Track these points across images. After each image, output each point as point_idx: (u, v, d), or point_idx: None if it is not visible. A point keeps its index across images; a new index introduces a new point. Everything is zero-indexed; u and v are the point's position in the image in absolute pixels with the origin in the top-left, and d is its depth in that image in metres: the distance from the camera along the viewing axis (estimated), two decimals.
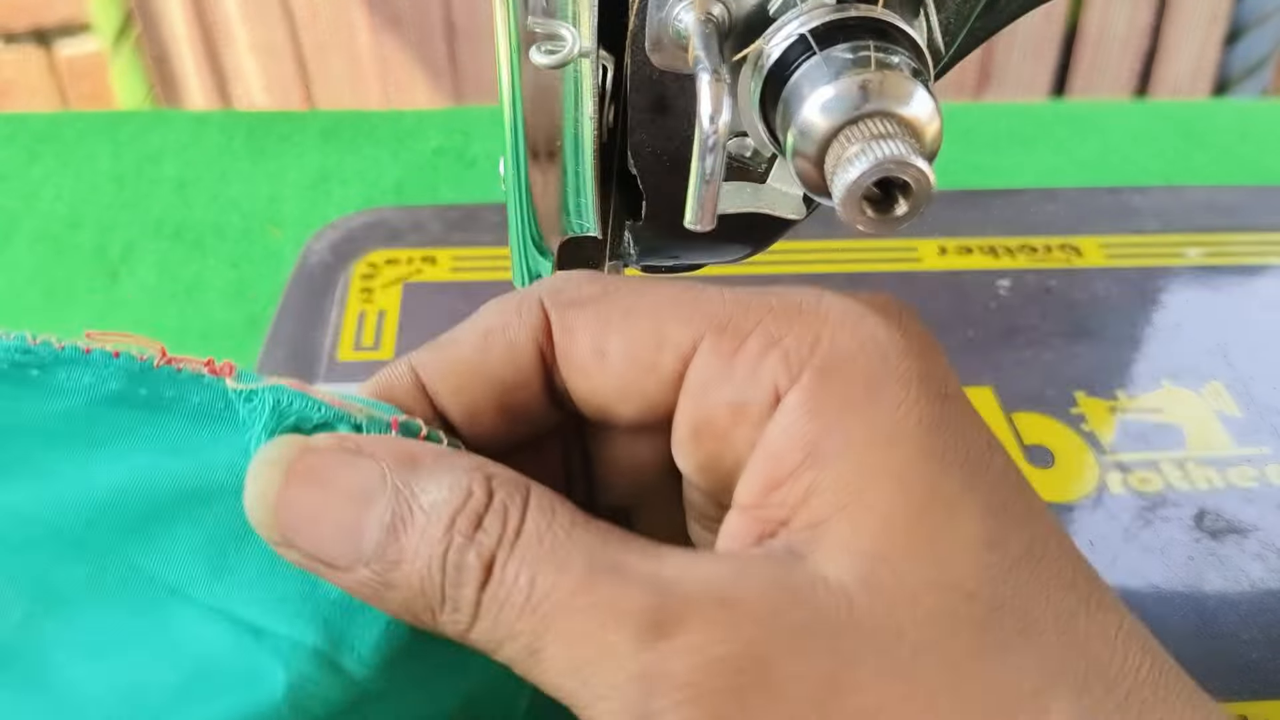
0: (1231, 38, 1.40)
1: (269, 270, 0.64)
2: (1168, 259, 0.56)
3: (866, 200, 0.21)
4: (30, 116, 0.78)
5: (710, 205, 0.23)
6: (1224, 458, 0.46)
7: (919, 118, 0.21)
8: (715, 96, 0.22)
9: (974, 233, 0.57)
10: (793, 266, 0.54)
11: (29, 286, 0.63)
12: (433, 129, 0.76)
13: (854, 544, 0.19)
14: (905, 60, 0.22)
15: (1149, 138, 0.75)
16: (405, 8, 1.32)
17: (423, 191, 0.70)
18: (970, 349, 0.50)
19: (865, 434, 0.20)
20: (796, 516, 0.20)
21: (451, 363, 0.24)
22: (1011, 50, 1.37)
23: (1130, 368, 0.50)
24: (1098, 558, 0.42)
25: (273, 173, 0.71)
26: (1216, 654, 0.39)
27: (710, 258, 0.32)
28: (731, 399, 0.22)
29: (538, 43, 0.25)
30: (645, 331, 0.23)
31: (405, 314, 0.51)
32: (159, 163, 0.72)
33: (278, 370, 0.48)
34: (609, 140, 0.29)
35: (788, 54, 0.23)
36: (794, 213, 0.30)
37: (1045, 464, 0.45)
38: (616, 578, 0.20)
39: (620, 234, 0.32)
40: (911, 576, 0.19)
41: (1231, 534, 0.43)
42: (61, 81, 1.32)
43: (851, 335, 0.21)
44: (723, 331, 0.22)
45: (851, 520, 0.20)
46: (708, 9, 0.23)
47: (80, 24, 1.29)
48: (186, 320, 0.61)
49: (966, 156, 0.73)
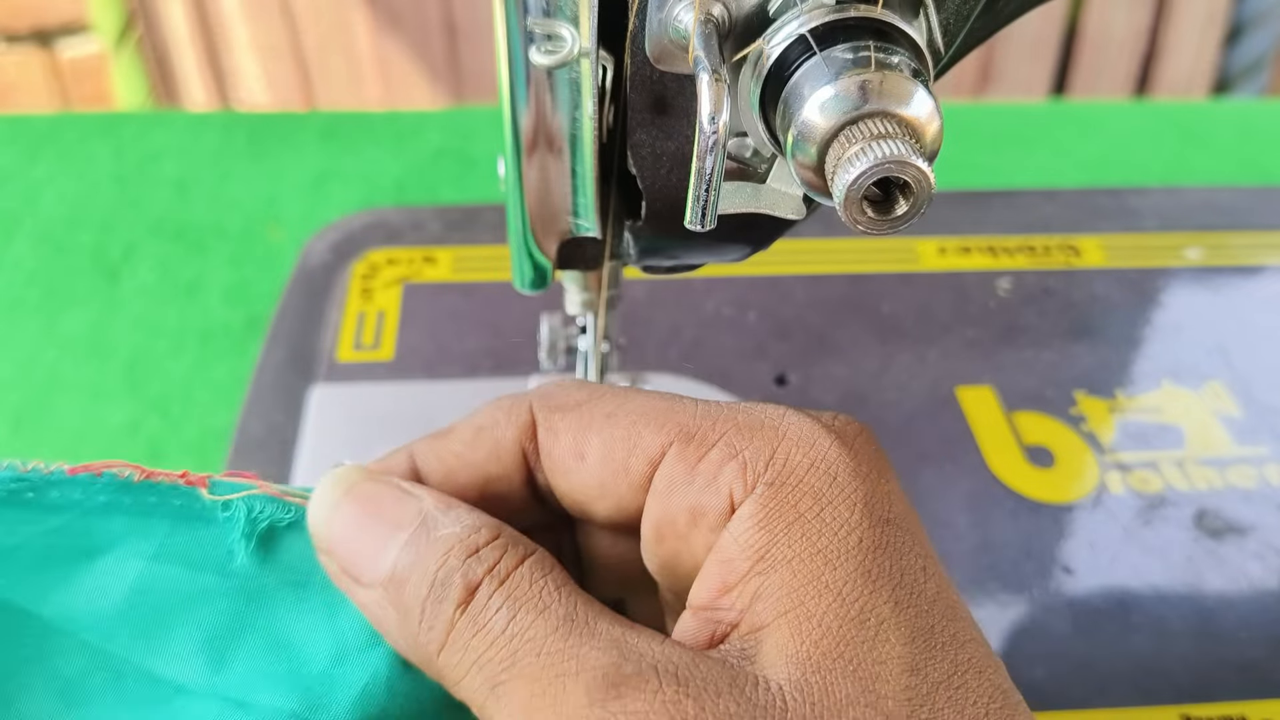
0: (1231, 38, 1.40)
1: (269, 270, 0.64)
2: (1168, 259, 0.56)
3: (866, 200, 0.21)
4: (31, 118, 0.78)
5: (710, 205, 0.23)
6: (1224, 458, 0.46)
7: (919, 118, 0.21)
8: (715, 97, 0.22)
9: (974, 233, 0.57)
10: (793, 266, 0.54)
11: (29, 286, 0.63)
12: (433, 129, 0.76)
13: (791, 649, 0.21)
14: (905, 60, 0.22)
15: (1149, 138, 0.75)
16: (405, 8, 1.32)
17: (423, 191, 0.70)
18: (970, 349, 0.50)
19: (809, 548, 0.22)
20: (744, 620, 0.22)
21: (443, 453, 0.27)
22: (1011, 50, 1.37)
23: (1130, 368, 0.50)
24: (1098, 558, 0.42)
25: (273, 173, 0.71)
26: (1216, 654, 0.39)
27: (710, 258, 0.32)
28: (691, 504, 0.23)
29: (538, 43, 0.25)
30: (620, 436, 0.24)
31: (405, 314, 0.51)
32: (159, 163, 0.72)
33: (278, 369, 0.48)
34: (609, 140, 0.29)
35: (788, 54, 0.23)
36: (794, 213, 0.30)
37: (1045, 464, 0.45)
38: (587, 632, 0.21)
39: (620, 234, 0.32)
40: (839, 690, 0.21)
41: (1231, 534, 0.43)
42: (63, 82, 1.32)
43: (806, 454, 0.23)
44: (689, 440, 0.24)
45: (791, 627, 0.21)
46: (707, 9, 0.23)
47: (81, 25, 1.29)
48: (186, 320, 0.61)
49: (966, 156, 0.73)
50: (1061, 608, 0.40)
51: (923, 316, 0.52)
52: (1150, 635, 0.40)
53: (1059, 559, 0.42)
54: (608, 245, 0.32)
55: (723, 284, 0.53)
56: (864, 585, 0.21)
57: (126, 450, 0.54)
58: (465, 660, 0.22)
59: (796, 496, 0.22)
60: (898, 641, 0.21)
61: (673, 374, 0.49)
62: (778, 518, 0.22)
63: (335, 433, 0.45)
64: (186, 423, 0.55)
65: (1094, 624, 0.40)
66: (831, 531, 0.22)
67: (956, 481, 0.45)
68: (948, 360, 0.50)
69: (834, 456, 0.23)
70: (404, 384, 0.48)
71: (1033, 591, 0.41)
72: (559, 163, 0.29)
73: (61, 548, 0.27)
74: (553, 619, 0.22)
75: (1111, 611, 0.40)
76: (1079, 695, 0.38)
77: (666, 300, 0.52)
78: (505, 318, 0.51)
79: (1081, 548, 0.42)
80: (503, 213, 0.31)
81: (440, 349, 0.50)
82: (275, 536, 0.27)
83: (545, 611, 0.22)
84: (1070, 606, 0.40)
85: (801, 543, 0.22)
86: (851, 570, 0.21)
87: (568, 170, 0.29)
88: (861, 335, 0.51)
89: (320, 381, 0.48)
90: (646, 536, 0.25)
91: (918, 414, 0.47)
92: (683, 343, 0.50)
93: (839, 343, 0.51)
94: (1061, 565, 0.42)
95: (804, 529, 0.22)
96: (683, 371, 0.49)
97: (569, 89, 0.27)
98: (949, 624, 0.22)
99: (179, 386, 0.57)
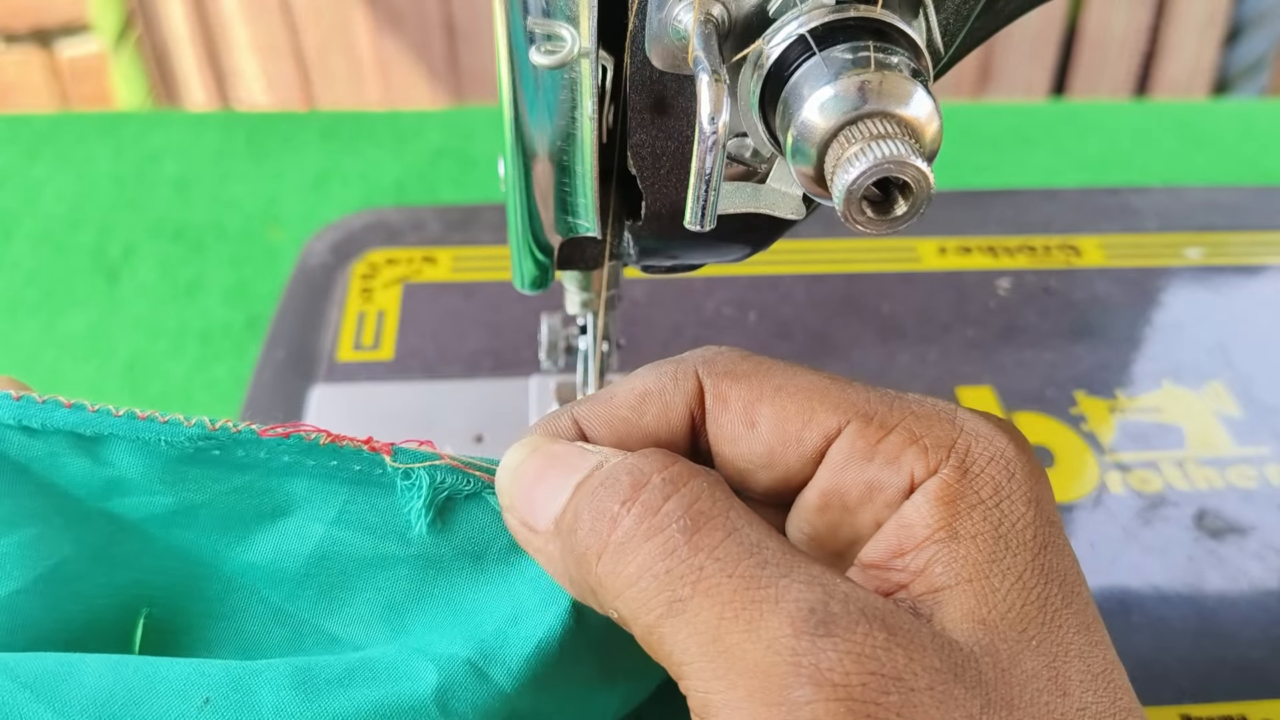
0: (1231, 38, 1.40)
1: (269, 270, 0.64)
2: (1168, 259, 0.56)
3: (866, 200, 0.21)
4: (31, 117, 0.78)
5: (710, 206, 0.23)
6: (1224, 458, 0.46)
7: (918, 118, 0.21)
8: (715, 97, 0.22)
9: (974, 233, 0.57)
10: (793, 266, 0.54)
11: (29, 286, 0.63)
12: (433, 129, 0.76)
13: (979, 614, 0.22)
14: (904, 61, 0.22)
15: (1149, 138, 0.75)
16: (405, 8, 1.32)
17: (423, 191, 0.70)
18: (970, 349, 0.50)
19: (991, 531, 0.23)
20: (915, 582, 0.23)
21: (610, 417, 0.26)
22: (1011, 50, 1.37)
23: (1130, 368, 0.50)
24: (1098, 558, 0.42)
25: (273, 173, 0.71)
26: (1216, 654, 0.39)
27: (710, 258, 0.32)
28: (869, 479, 0.24)
29: (538, 43, 0.25)
30: (795, 409, 0.25)
31: (405, 314, 0.51)
32: (159, 163, 0.72)
33: (278, 369, 0.48)
34: (609, 140, 0.29)
35: (787, 54, 0.23)
36: (794, 213, 0.30)
37: (1045, 464, 0.45)
38: (785, 563, 0.21)
39: (620, 234, 0.32)
40: (1026, 664, 0.22)
41: (1231, 534, 0.43)
42: (62, 82, 1.32)
43: (985, 447, 0.24)
44: (869, 421, 0.24)
45: (977, 594, 0.22)
46: (707, 9, 0.23)
47: (81, 24, 1.29)
48: (186, 320, 0.61)
49: (966, 156, 0.73)
50: None
51: (923, 316, 0.52)
52: (1150, 635, 0.40)
53: None
54: (608, 245, 0.32)
55: (723, 284, 0.53)
56: (1039, 576, 0.23)
57: None
58: (633, 568, 0.22)
59: (978, 484, 0.23)
60: (1070, 630, 0.22)
61: None
62: (961, 499, 0.23)
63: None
64: None
65: None
66: (1010, 522, 0.23)
67: None
68: (948, 360, 0.50)
69: (1011, 454, 0.24)
70: (404, 384, 0.48)
71: None
72: (559, 163, 0.29)
73: (244, 506, 0.27)
74: (744, 542, 0.21)
75: (1111, 611, 0.40)
76: None
77: (666, 300, 0.52)
78: (505, 318, 0.51)
79: (1082, 548, 0.42)
80: (503, 213, 0.31)
81: (440, 349, 0.50)
82: (454, 507, 0.27)
83: (735, 533, 0.21)
84: None
85: (985, 525, 0.23)
86: (1029, 560, 0.23)
87: (568, 170, 0.29)
88: (861, 335, 0.51)
89: (320, 381, 0.48)
90: (807, 505, 0.25)
91: None
92: (683, 343, 0.50)
93: (839, 343, 0.51)
94: None
95: (986, 514, 0.23)
96: None
97: (569, 89, 0.27)
98: (1099, 625, 0.24)
99: (179, 386, 0.57)
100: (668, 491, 0.22)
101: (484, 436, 0.45)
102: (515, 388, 0.47)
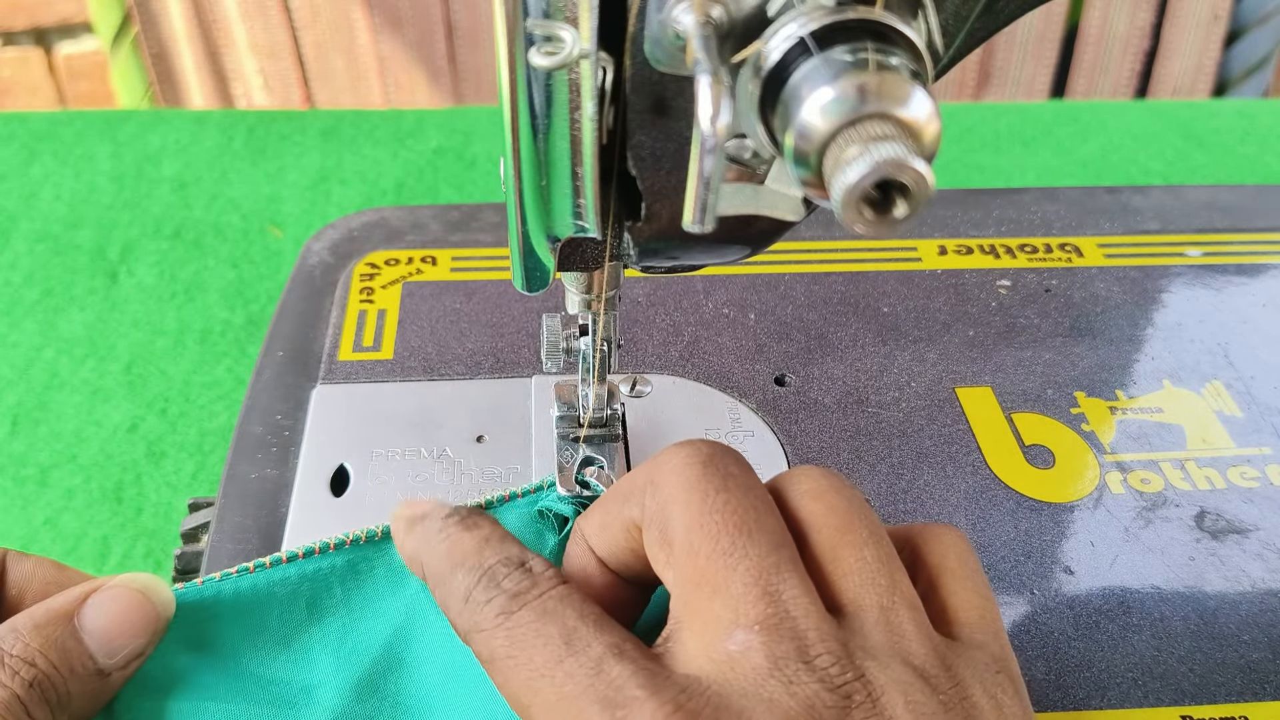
0: (1231, 38, 1.40)
1: (269, 270, 0.64)
2: (1168, 259, 0.56)
3: (865, 202, 0.21)
4: (29, 116, 0.78)
5: (709, 206, 0.23)
6: (1224, 458, 0.46)
7: (917, 119, 0.21)
8: (714, 98, 0.22)
9: (974, 233, 0.57)
10: (793, 266, 0.54)
11: (29, 286, 0.63)
12: (433, 129, 0.76)
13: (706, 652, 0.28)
14: (904, 62, 0.22)
15: (1149, 138, 0.76)
16: (405, 8, 1.32)
17: (423, 191, 0.70)
18: (970, 349, 0.50)
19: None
20: None
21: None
22: (1011, 50, 1.37)
23: (1130, 368, 0.50)
24: (1098, 558, 0.42)
25: (273, 173, 0.71)
26: (1217, 654, 0.39)
27: (710, 259, 0.32)
28: None
29: (537, 44, 0.25)
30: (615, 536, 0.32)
31: (405, 314, 0.51)
32: (159, 163, 0.72)
33: (278, 369, 0.48)
34: (609, 141, 0.29)
35: (787, 56, 0.23)
36: (793, 214, 0.30)
37: (1045, 464, 0.45)
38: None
39: (620, 235, 0.32)
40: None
41: (1232, 534, 0.43)
42: (61, 81, 1.32)
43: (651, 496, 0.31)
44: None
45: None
46: (707, 11, 0.23)
47: (79, 23, 1.29)
48: (186, 320, 0.61)
49: (966, 156, 0.73)
50: (1062, 608, 0.40)
51: (923, 316, 0.52)
52: (1150, 635, 0.40)
53: (1059, 559, 0.42)
54: (608, 246, 0.32)
55: (723, 284, 0.53)
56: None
57: (126, 450, 0.54)
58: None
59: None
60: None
61: (672, 374, 0.49)
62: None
63: (335, 433, 0.45)
64: (186, 423, 0.55)
65: (1094, 624, 0.40)
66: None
67: (956, 481, 0.45)
68: (947, 360, 0.50)
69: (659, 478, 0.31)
70: (404, 384, 0.48)
71: (1033, 591, 0.41)
72: (559, 164, 0.29)
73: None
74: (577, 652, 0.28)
75: (1112, 611, 0.40)
76: (1079, 695, 0.38)
77: (666, 300, 0.52)
78: (505, 318, 0.51)
79: (1082, 548, 0.42)
80: (503, 213, 0.31)
81: (440, 349, 0.50)
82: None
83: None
84: (1070, 606, 0.40)
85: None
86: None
87: (568, 171, 0.29)
88: (861, 335, 0.51)
89: (320, 381, 0.48)
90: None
91: (917, 414, 0.47)
92: (682, 343, 0.50)
93: (839, 343, 0.51)
94: (1062, 565, 0.42)
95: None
96: (682, 372, 0.49)
97: (569, 90, 0.27)
98: None
99: (178, 386, 0.57)
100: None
101: (484, 437, 0.45)
102: (515, 388, 0.47)
